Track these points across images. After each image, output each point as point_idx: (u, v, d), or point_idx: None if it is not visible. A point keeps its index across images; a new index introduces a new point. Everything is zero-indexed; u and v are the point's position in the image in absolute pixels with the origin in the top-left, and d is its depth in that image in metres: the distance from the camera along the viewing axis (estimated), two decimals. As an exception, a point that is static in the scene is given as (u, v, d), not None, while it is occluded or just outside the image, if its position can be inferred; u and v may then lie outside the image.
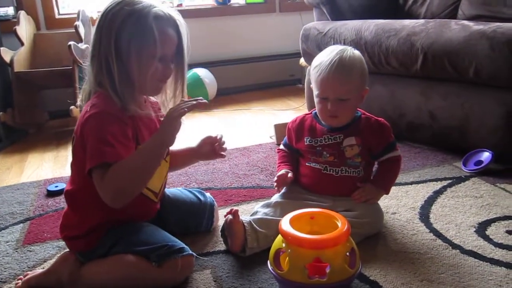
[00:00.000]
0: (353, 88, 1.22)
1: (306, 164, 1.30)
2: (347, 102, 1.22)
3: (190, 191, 1.33)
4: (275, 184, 1.28)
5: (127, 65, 1.02)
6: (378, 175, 1.30)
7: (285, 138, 1.38)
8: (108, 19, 1.01)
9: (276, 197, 1.30)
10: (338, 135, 1.25)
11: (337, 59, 1.20)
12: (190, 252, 1.06)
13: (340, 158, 1.25)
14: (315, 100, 1.27)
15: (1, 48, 2.27)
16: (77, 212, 1.09)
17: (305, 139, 1.30)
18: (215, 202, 1.33)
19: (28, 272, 1.11)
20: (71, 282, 1.04)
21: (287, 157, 1.36)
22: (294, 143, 1.34)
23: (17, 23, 2.37)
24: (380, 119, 1.29)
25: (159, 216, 1.22)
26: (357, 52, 1.25)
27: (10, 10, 2.64)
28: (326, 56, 1.23)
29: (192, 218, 1.28)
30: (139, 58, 1.02)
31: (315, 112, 1.32)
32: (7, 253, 1.25)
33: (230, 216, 1.15)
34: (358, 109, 1.30)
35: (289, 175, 1.27)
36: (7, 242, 1.32)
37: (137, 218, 1.13)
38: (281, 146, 1.39)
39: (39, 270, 1.11)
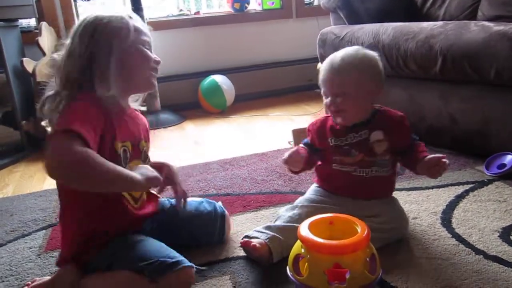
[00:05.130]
0: (353, 81, 1.20)
1: (333, 167, 1.27)
2: (345, 96, 1.20)
3: (198, 202, 1.29)
4: (284, 158, 1.23)
5: (121, 64, 1.05)
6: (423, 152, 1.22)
7: (306, 139, 1.35)
8: (88, 29, 1.05)
9: (301, 201, 1.29)
10: (363, 131, 1.23)
11: (333, 57, 1.24)
12: (185, 264, 1.01)
13: (370, 155, 1.22)
14: None
15: (24, 58, 2.32)
16: (68, 231, 1.10)
17: (330, 140, 1.27)
18: (226, 212, 1.29)
19: (36, 279, 1.12)
20: None
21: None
22: (317, 144, 1.32)
23: (39, 34, 2.41)
24: (398, 112, 1.27)
25: (167, 230, 1.20)
26: (360, 51, 1.24)
27: (32, 22, 2.71)
28: (333, 54, 1.26)
29: (202, 230, 1.24)
30: (131, 53, 1.06)
31: None
32: (30, 259, 1.28)
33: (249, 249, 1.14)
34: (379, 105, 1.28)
35: (302, 154, 1.24)
36: (30, 248, 1.34)
37: (120, 226, 1.10)
38: (301, 145, 1.35)
39: (46, 278, 1.11)
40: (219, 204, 1.30)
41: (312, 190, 1.33)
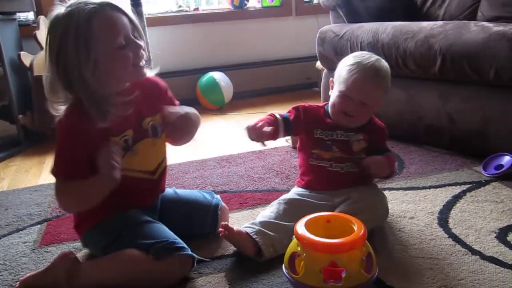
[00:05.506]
0: (378, 96, 1.25)
1: (310, 162, 1.30)
2: (367, 108, 1.24)
3: (198, 191, 1.35)
4: (247, 130, 1.28)
5: (98, 74, 1.01)
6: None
7: (288, 114, 1.32)
8: (58, 39, 0.99)
9: (279, 198, 1.30)
10: (351, 132, 1.27)
11: (376, 66, 1.23)
12: (190, 253, 1.07)
13: (347, 153, 1.26)
14: (335, 93, 1.26)
15: (21, 52, 2.31)
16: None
17: (315, 131, 1.29)
18: (221, 204, 1.30)
19: (29, 273, 1.12)
20: (68, 279, 1.02)
21: (273, 124, 1.29)
22: (301, 128, 1.30)
23: (37, 27, 2.40)
24: (381, 123, 1.33)
25: (162, 212, 1.23)
26: (387, 64, 1.28)
27: (30, 15, 2.69)
28: (364, 59, 1.23)
29: (195, 215, 1.26)
30: (107, 61, 1.01)
31: (327, 107, 1.31)
32: (25, 254, 1.27)
33: (226, 233, 1.14)
34: None
35: (267, 129, 1.24)
36: (25, 242, 1.33)
37: (141, 198, 1.17)
38: (277, 115, 1.32)
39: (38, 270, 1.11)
40: (218, 196, 1.33)
41: (291, 191, 1.35)
